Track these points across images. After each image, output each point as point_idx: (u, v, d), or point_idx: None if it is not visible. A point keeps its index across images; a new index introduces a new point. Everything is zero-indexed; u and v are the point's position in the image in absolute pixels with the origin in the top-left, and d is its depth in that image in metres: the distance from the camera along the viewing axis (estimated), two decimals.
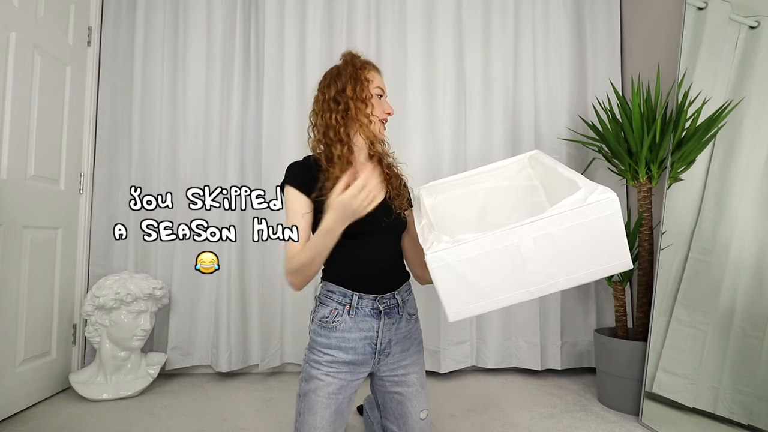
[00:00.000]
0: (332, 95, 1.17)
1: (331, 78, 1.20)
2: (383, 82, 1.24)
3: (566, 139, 2.31)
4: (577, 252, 0.87)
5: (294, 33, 2.28)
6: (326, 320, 1.12)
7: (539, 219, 0.86)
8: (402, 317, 1.18)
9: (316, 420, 1.08)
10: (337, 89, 1.17)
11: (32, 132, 1.86)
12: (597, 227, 0.86)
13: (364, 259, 1.13)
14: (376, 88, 1.20)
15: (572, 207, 0.85)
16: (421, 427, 1.18)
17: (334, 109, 1.16)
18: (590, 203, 0.85)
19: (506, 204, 1.24)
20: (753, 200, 1.56)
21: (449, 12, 2.34)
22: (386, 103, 1.23)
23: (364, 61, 1.22)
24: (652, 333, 1.70)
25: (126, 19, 2.28)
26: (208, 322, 2.24)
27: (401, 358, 1.19)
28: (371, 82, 1.19)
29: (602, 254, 0.88)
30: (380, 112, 1.20)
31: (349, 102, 1.15)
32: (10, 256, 1.74)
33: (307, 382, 1.11)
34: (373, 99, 1.18)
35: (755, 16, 1.65)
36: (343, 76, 1.18)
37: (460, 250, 0.88)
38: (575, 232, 0.86)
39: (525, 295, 0.90)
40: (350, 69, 1.18)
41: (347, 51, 1.25)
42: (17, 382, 1.77)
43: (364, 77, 1.18)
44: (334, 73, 1.21)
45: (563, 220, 0.85)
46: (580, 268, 0.88)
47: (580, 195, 0.87)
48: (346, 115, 1.15)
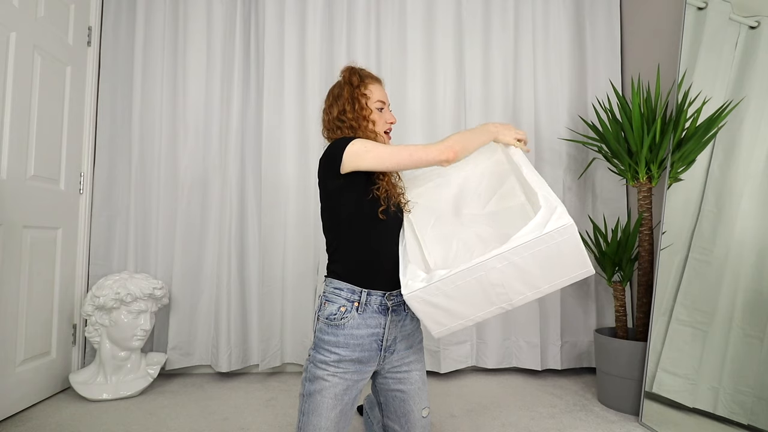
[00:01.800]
0: (335, 116, 1.23)
1: (333, 99, 1.25)
2: (384, 92, 1.28)
3: (566, 139, 2.31)
4: (541, 271, 0.96)
5: (294, 32, 2.28)
6: (334, 318, 1.12)
7: (503, 252, 0.94)
8: (407, 314, 1.19)
9: (321, 421, 1.08)
10: (339, 110, 1.23)
11: (32, 132, 1.86)
12: (557, 249, 0.93)
13: (372, 255, 1.14)
14: (376, 102, 1.24)
15: (532, 237, 0.93)
16: (423, 425, 1.19)
17: (341, 127, 1.22)
18: (548, 231, 0.92)
19: (480, 192, 1.31)
20: (753, 200, 1.56)
21: (449, 12, 2.34)
22: (388, 113, 1.27)
23: (363, 76, 1.25)
24: (652, 333, 1.70)
25: (126, 19, 2.28)
26: (208, 322, 2.24)
27: (405, 356, 1.20)
28: (370, 98, 1.24)
29: (564, 268, 0.96)
30: (382, 123, 1.25)
31: (351, 123, 1.21)
32: (10, 256, 1.74)
33: (312, 383, 1.11)
34: (373, 115, 1.23)
35: (755, 16, 1.65)
36: (341, 98, 1.23)
37: (434, 288, 0.97)
38: (537, 257, 0.94)
39: (499, 311, 1.01)
40: (347, 90, 1.23)
41: (345, 67, 1.28)
42: (17, 382, 1.77)
43: (361, 95, 1.22)
44: (335, 93, 1.26)
45: (525, 249, 0.93)
46: (545, 283, 0.98)
47: (539, 220, 0.94)
48: (355, 130, 1.21)
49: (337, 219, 1.15)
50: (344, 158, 1.09)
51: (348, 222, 1.14)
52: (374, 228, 1.14)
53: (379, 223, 1.14)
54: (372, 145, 1.11)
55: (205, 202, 2.27)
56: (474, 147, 1.19)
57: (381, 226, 1.15)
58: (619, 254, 1.95)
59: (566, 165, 2.35)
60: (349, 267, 1.14)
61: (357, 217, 1.13)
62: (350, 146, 1.10)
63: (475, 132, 1.22)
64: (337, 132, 1.22)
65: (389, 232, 1.18)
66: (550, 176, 2.34)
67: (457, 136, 1.16)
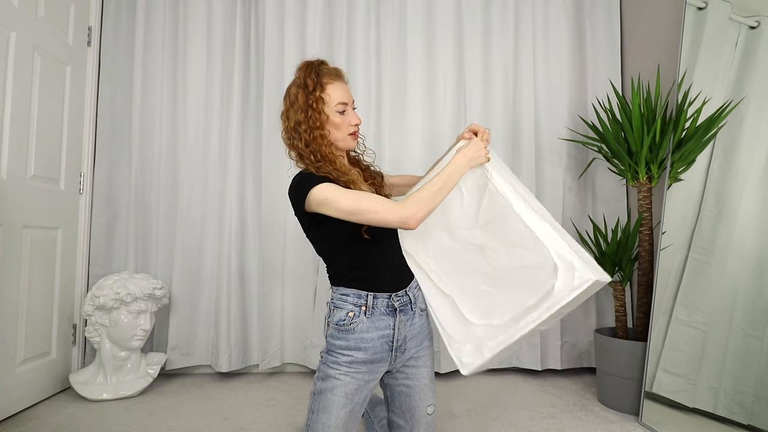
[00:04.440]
0: (292, 125, 1.13)
1: (289, 103, 1.14)
2: (346, 91, 1.16)
3: (566, 139, 2.31)
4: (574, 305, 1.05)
5: (294, 32, 2.28)
6: (343, 323, 1.12)
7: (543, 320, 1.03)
8: (415, 313, 1.19)
9: (330, 419, 1.08)
10: (295, 120, 1.12)
11: (32, 132, 1.86)
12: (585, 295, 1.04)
13: (374, 259, 1.14)
14: (337, 105, 1.13)
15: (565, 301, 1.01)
16: (427, 422, 1.19)
17: (297, 137, 1.12)
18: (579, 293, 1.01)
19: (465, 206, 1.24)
20: (753, 200, 1.56)
21: (449, 12, 2.34)
22: (352, 113, 1.17)
23: (319, 76, 1.13)
24: (652, 333, 1.70)
25: (126, 19, 2.28)
26: (208, 322, 2.24)
27: (415, 352, 1.20)
28: (327, 103, 1.12)
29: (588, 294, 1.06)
30: (346, 126, 1.15)
31: (305, 135, 1.11)
32: (10, 256, 1.74)
33: (324, 381, 1.11)
34: (331, 121, 1.13)
35: (755, 16, 1.65)
36: (296, 105, 1.12)
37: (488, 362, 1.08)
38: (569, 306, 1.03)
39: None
40: (302, 96, 1.11)
41: (301, 64, 1.16)
42: (17, 382, 1.77)
43: (317, 100, 1.11)
44: (291, 96, 1.14)
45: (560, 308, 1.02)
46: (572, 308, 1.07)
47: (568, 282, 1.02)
48: (308, 143, 1.12)
49: (324, 245, 1.15)
50: (308, 202, 1.07)
51: (335, 246, 1.13)
52: (362, 243, 1.10)
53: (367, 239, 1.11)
54: (333, 195, 1.04)
55: (205, 202, 2.27)
56: (442, 199, 1.11)
57: (370, 240, 1.10)
58: (619, 254, 1.95)
59: (566, 165, 2.35)
60: (350, 278, 1.14)
61: (342, 240, 1.11)
62: (312, 194, 1.05)
63: (444, 178, 1.11)
64: (294, 142, 1.13)
65: (382, 241, 1.15)
66: (550, 176, 2.34)
67: (427, 194, 1.07)
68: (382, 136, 2.27)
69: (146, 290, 1.96)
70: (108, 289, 1.91)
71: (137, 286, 1.95)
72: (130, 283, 1.95)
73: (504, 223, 1.15)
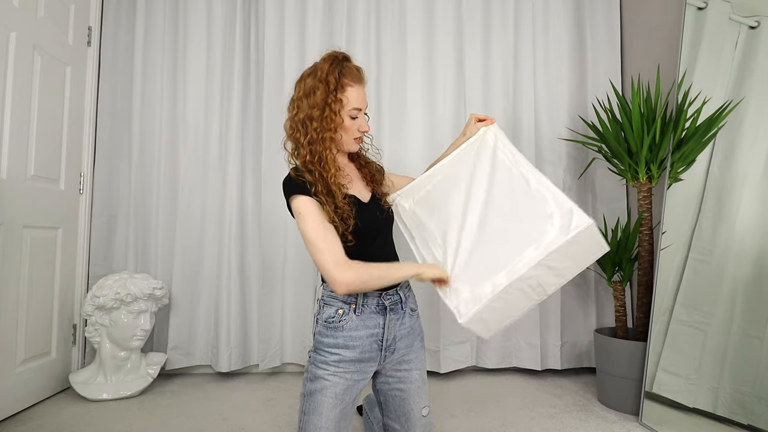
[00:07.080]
0: (302, 118, 1.09)
1: (304, 94, 1.10)
2: (363, 96, 1.13)
3: (566, 139, 2.31)
4: (570, 263, 1.07)
5: (294, 32, 2.28)
6: (332, 320, 1.12)
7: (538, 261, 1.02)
8: (405, 313, 1.19)
9: (321, 420, 1.08)
10: (306, 114, 1.08)
11: (32, 132, 1.86)
12: (582, 244, 1.04)
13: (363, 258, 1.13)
14: (351, 110, 1.11)
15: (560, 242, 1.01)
16: (423, 424, 1.19)
17: (302, 132, 1.09)
18: (574, 235, 1.01)
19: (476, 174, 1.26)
20: (753, 200, 1.56)
21: (449, 12, 2.34)
22: (362, 120, 1.15)
23: (342, 76, 1.09)
24: (652, 333, 1.70)
25: (126, 19, 2.28)
26: (208, 322, 2.24)
27: (405, 354, 1.19)
28: (345, 106, 1.09)
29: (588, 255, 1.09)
30: (354, 131, 1.14)
31: (312, 134, 1.08)
32: (10, 256, 1.74)
33: (313, 382, 1.11)
34: (342, 127, 1.11)
35: (755, 16, 1.65)
36: (312, 98, 1.08)
37: (483, 308, 1.05)
38: (567, 254, 1.03)
39: (536, 303, 1.11)
40: (322, 92, 1.07)
41: (327, 54, 1.12)
42: (17, 382, 1.77)
43: (335, 101, 1.07)
44: (307, 87, 1.10)
45: (556, 252, 1.02)
46: (574, 270, 1.10)
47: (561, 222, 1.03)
48: (312, 142, 1.08)
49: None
50: (290, 206, 1.11)
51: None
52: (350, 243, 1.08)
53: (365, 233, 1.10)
54: (305, 216, 1.05)
55: (205, 202, 2.27)
56: (380, 285, 1.09)
57: (358, 241, 1.09)
58: (619, 254, 1.95)
59: (566, 165, 2.35)
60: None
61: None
62: (292, 203, 1.09)
63: (393, 270, 1.10)
64: (296, 134, 1.10)
65: (374, 239, 1.15)
66: (550, 176, 2.32)
67: (374, 273, 1.06)
68: (382, 136, 2.27)
69: (146, 290, 1.96)
70: (108, 289, 1.91)
71: (137, 286, 1.95)
72: (130, 283, 1.95)
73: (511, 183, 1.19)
